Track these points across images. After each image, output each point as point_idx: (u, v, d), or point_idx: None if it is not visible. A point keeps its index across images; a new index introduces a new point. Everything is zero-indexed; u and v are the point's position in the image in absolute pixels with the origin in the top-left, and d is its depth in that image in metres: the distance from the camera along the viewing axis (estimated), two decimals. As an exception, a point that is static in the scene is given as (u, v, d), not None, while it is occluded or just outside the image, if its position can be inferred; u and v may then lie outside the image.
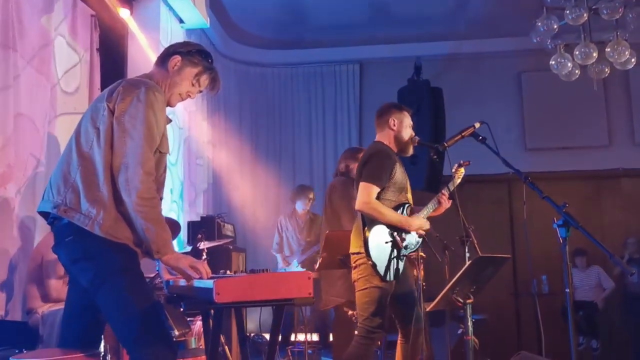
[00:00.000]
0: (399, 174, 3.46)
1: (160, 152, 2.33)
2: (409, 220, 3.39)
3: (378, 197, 3.37)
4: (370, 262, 3.29)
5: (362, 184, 3.36)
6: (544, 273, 7.33)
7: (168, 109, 2.47)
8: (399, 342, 3.52)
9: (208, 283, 1.98)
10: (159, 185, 2.34)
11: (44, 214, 2.32)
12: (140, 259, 2.27)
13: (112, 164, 2.17)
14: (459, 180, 3.61)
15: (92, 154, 2.22)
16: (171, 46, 2.53)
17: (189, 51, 2.46)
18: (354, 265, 3.41)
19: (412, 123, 3.59)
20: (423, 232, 3.43)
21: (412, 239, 3.41)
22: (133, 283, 2.18)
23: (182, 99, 2.50)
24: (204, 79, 2.48)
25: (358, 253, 3.39)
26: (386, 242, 3.33)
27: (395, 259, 3.34)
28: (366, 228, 3.34)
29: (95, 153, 2.21)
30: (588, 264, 7.17)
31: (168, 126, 2.45)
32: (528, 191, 2.84)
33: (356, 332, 3.37)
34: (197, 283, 2.10)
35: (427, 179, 6.29)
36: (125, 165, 2.13)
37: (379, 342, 3.65)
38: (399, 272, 3.36)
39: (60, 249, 2.27)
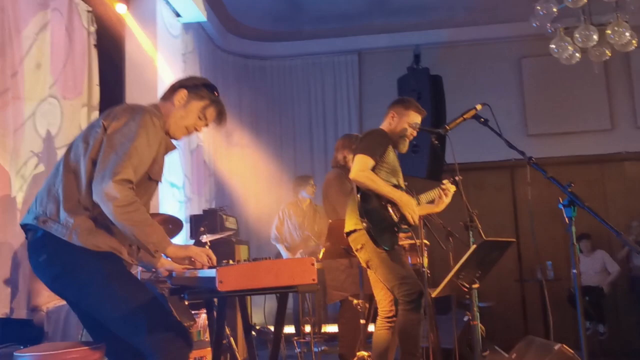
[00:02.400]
0: (392, 157, 3.51)
1: (150, 178, 2.31)
2: (401, 194, 3.39)
3: None
4: (364, 227, 3.28)
5: (357, 156, 3.41)
6: (548, 259, 7.32)
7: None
8: (384, 327, 3.49)
9: (211, 272, 1.97)
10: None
11: (25, 227, 2.28)
12: (132, 265, 2.26)
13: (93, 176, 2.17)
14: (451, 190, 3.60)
15: (77, 167, 2.22)
16: (177, 81, 2.53)
17: (195, 85, 2.47)
18: (355, 248, 3.40)
19: (418, 122, 3.58)
20: (412, 220, 3.38)
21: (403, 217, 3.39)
22: (123, 284, 2.17)
23: (189, 133, 2.49)
24: (211, 112, 2.48)
25: (354, 231, 3.39)
26: (380, 213, 3.33)
27: (388, 230, 3.33)
28: (361, 197, 3.34)
29: (80, 166, 2.22)
30: (593, 249, 7.15)
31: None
32: (531, 178, 2.81)
33: (399, 306, 3.33)
34: (200, 272, 2.08)
35: (429, 168, 6.28)
36: (102, 176, 2.11)
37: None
38: (393, 244, 3.33)
39: (37, 270, 2.22)
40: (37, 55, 4.22)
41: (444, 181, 3.60)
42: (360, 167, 3.35)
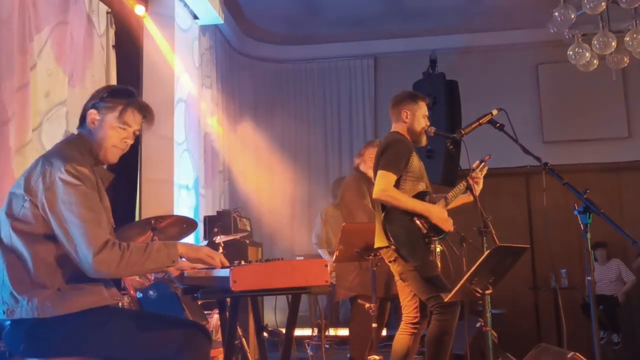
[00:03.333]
0: (416, 163, 3.45)
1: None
2: (429, 207, 3.35)
3: (396, 186, 3.35)
4: (393, 248, 3.28)
5: (379, 173, 3.36)
6: (562, 267, 7.26)
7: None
8: (407, 332, 3.48)
9: (224, 271, 1.98)
10: None
11: None
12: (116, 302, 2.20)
13: (50, 254, 2.04)
14: (481, 174, 3.55)
15: (14, 246, 2.06)
16: (86, 102, 2.29)
17: (101, 98, 2.23)
18: (389, 260, 3.40)
19: (427, 113, 3.56)
20: (447, 228, 3.34)
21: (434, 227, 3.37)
22: (122, 326, 2.10)
23: (122, 150, 2.28)
24: (129, 116, 2.23)
25: (383, 248, 3.38)
26: (406, 228, 3.30)
27: (418, 243, 3.31)
28: (385, 216, 3.33)
29: (17, 244, 2.05)
30: (608, 257, 7.08)
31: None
32: (546, 185, 2.80)
33: (433, 316, 3.32)
34: (214, 272, 2.10)
35: (444, 173, 6.25)
36: (81, 257, 1.99)
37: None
38: (424, 259, 3.30)
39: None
40: (56, 55, 4.26)
41: (473, 165, 3.53)
42: (382, 186, 3.30)
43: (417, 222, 3.33)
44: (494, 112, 3.02)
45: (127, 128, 2.24)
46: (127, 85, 2.37)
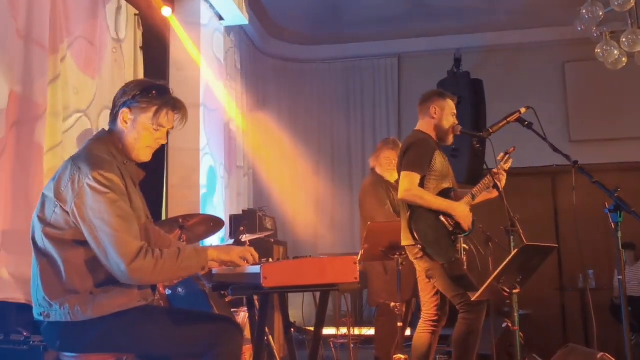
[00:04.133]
0: (439, 162, 3.45)
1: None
2: (453, 205, 3.36)
3: (420, 186, 3.37)
4: (419, 247, 3.29)
5: (403, 173, 3.39)
6: (590, 268, 7.16)
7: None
8: (427, 330, 3.48)
9: (255, 268, 2.01)
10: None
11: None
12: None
13: (82, 259, 2.05)
14: (507, 167, 3.53)
15: (47, 251, 2.08)
16: (116, 98, 2.24)
17: (133, 97, 2.18)
18: (415, 257, 3.41)
19: (455, 111, 3.55)
20: (467, 226, 3.36)
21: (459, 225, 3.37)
22: (156, 320, 2.12)
23: (154, 148, 2.26)
24: (164, 116, 2.20)
25: (409, 246, 3.39)
26: (432, 226, 3.32)
27: (444, 241, 3.32)
28: (410, 215, 3.34)
29: (49, 250, 2.07)
30: (637, 259, 6.97)
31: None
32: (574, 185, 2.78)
33: (460, 315, 3.33)
34: (244, 268, 2.12)
35: (469, 173, 6.22)
36: (114, 266, 1.99)
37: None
38: (450, 256, 3.31)
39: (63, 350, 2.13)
40: (85, 58, 4.34)
41: (498, 157, 3.50)
42: (407, 186, 3.33)
43: (443, 219, 3.34)
44: (522, 110, 3.01)
45: (160, 129, 2.21)
46: (158, 80, 2.31)
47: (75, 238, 2.06)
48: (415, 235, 3.30)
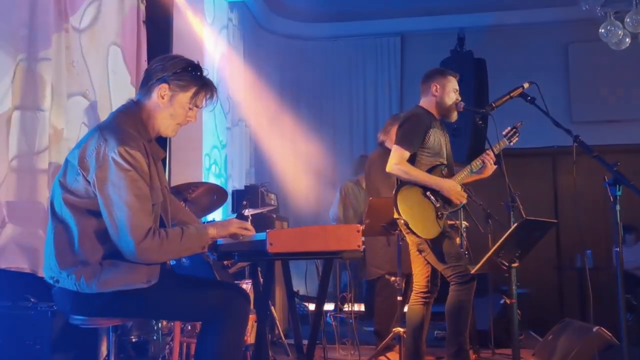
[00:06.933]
0: (435, 139, 3.48)
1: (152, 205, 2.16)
2: (439, 181, 3.39)
3: (412, 161, 3.41)
4: (402, 221, 3.32)
5: (394, 147, 3.45)
6: (588, 248, 7.22)
7: None
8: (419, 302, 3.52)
9: (261, 234, 2.05)
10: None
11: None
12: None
13: (96, 229, 2.07)
14: (509, 144, 3.56)
15: (63, 218, 2.10)
16: (153, 70, 2.21)
17: (175, 73, 2.17)
18: (406, 232, 3.44)
19: (457, 88, 3.57)
20: (459, 201, 3.39)
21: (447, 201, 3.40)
22: (164, 287, 2.14)
23: (183, 125, 2.28)
24: (201, 98, 2.23)
25: (397, 218, 3.43)
26: (418, 202, 3.36)
27: (430, 218, 3.35)
28: (397, 189, 3.38)
29: (66, 217, 2.10)
30: (637, 240, 7.04)
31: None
32: (574, 167, 2.81)
33: (451, 287, 3.37)
34: (249, 236, 2.17)
35: (470, 152, 6.24)
36: (123, 243, 2.02)
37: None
38: (434, 233, 3.35)
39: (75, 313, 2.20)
40: (89, 34, 4.34)
41: (504, 132, 3.51)
42: (395, 160, 3.38)
43: (430, 196, 3.38)
44: (525, 85, 3.03)
45: (194, 109, 2.22)
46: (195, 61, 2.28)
47: (92, 208, 2.08)
48: (399, 209, 3.33)
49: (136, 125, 2.18)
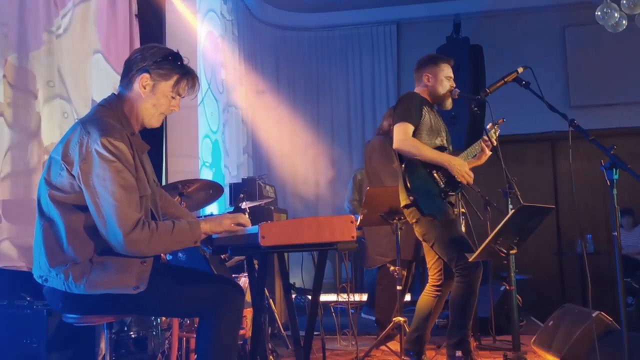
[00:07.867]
0: (429, 118, 3.43)
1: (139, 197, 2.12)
2: (449, 157, 3.33)
3: None
4: (411, 198, 3.26)
5: (395, 126, 3.37)
6: (588, 233, 7.22)
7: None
8: (431, 294, 3.49)
9: (253, 228, 2.03)
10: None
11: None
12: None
13: (84, 225, 2.04)
14: (495, 136, 3.52)
15: (50, 215, 2.08)
16: (133, 61, 2.19)
17: (155, 62, 2.15)
18: (412, 221, 3.40)
19: (451, 75, 3.52)
20: (466, 180, 3.30)
21: (453, 180, 3.35)
22: (156, 284, 2.11)
23: (166, 115, 2.27)
24: (183, 87, 2.21)
25: (406, 206, 3.38)
26: (425, 180, 3.31)
27: (436, 198, 3.31)
28: (405, 167, 3.32)
29: (52, 214, 2.07)
30: (635, 224, 7.02)
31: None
32: (572, 153, 2.78)
33: (455, 278, 3.30)
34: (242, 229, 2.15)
35: (468, 139, 6.21)
36: (110, 235, 1.99)
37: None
38: (441, 211, 3.30)
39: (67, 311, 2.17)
40: (80, 28, 4.29)
41: (487, 126, 3.48)
42: (401, 135, 3.30)
43: (435, 175, 3.34)
44: (520, 69, 3.00)
45: (176, 97, 2.21)
46: (175, 49, 2.26)
47: (79, 202, 2.04)
48: (408, 185, 3.27)
49: (119, 117, 2.15)
